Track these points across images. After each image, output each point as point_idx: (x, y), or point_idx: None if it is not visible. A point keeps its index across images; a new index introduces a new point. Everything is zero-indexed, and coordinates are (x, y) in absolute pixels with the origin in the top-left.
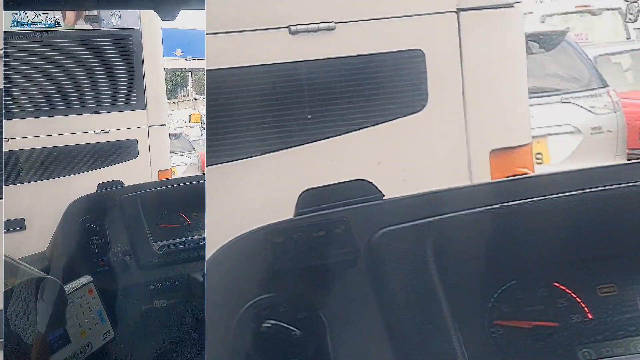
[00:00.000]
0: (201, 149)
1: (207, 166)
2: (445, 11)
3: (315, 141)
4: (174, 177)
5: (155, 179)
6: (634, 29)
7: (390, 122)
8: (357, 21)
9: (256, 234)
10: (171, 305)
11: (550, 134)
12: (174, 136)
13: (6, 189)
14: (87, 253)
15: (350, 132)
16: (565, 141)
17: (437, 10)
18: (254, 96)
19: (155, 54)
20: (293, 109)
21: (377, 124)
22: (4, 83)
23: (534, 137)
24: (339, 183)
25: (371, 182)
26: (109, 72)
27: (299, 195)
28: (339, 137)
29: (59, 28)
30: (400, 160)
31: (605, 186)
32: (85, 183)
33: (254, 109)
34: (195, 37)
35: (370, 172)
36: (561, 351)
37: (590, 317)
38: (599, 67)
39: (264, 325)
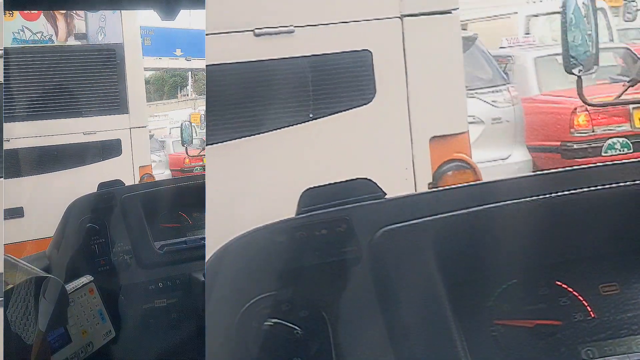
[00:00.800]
0: (169, 149)
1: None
2: (390, 17)
3: (279, 129)
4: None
5: (137, 174)
6: (617, 29)
7: (344, 112)
8: (313, 25)
9: (258, 233)
10: (172, 304)
11: None
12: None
13: (7, 181)
14: (87, 252)
15: (310, 120)
16: (470, 130)
17: (383, 16)
18: (228, 89)
19: (136, 65)
20: (259, 101)
21: (331, 114)
22: (5, 86)
23: None
24: (341, 182)
25: (373, 181)
26: (95, 81)
27: (301, 194)
28: (301, 125)
29: (52, 44)
30: (352, 144)
31: (607, 184)
32: (76, 177)
33: (228, 100)
34: (195, 37)
35: (328, 155)
36: (564, 350)
37: (592, 315)
38: (543, 67)
39: (265, 323)
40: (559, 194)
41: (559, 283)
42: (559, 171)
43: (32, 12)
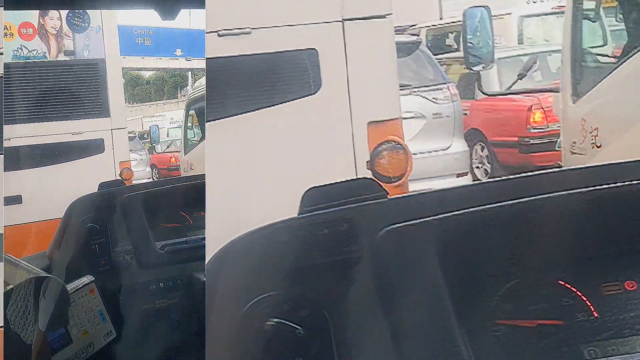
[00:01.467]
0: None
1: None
2: (333, 20)
3: (237, 115)
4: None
5: (117, 169)
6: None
7: (296, 100)
8: (267, 27)
9: (259, 233)
10: (173, 304)
11: (402, 118)
12: (130, 138)
13: (7, 174)
14: (88, 253)
15: (266, 107)
16: (414, 124)
17: (327, 20)
18: (207, 82)
19: (116, 76)
20: (221, 90)
21: (285, 102)
22: (7, 94)
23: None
24: (343, 181)
25: (375, 180)
26: (81, 90)
27: (303, 194)
28: (257, 111)
29: (45, 60)
30: (303, 127)
31: (610, 183)
32: (67, 170)
33: (207, 90)
34: (196, 37)
35: (284, 136)
36: (566, 350)
37: (595, 315)
38: (505, 68)
39: (267, 323)
40: (562, 193)
41: (561, 283)
42: (561, 170)
43: (29, 33)
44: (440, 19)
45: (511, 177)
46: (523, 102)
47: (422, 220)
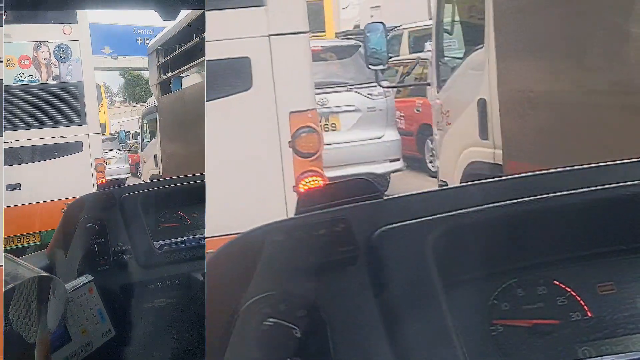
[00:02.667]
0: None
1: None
2: (261, 36)
3: (215, 99)
4: (107, 166)
5: (93, 165)
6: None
7: (235, 94)
8: (211, 41)
9: (256, 233)
10: (171, 304)
11: (341, 112)
12: (109, 139)
13: (9, 167)
14: (87, 252)
15: (220, 98)
16: (351, 116)
17: (258, 35)
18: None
19: (91, 94)
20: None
21: (226, 96)
22: (9, 108)
23: (332, 114)
24: (340, 182)
25: (371, 181)
26: (65, 105)
27: (300, 194)
28: (214, 101)
29: (38, 83)
30: (240, 115)
31: (605, 184)
32: (55, 164)
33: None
34: (123, 33)
35: (226, 122)
36: (561, 349)
37: (590, 315)
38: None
39: (264, 323)
40: (557, 193)
41: (556, 282)
42: (557, 171)
43: (26, 63)
44: (430, 19)
45: (507, 177)
46: None
47: (417, 220)
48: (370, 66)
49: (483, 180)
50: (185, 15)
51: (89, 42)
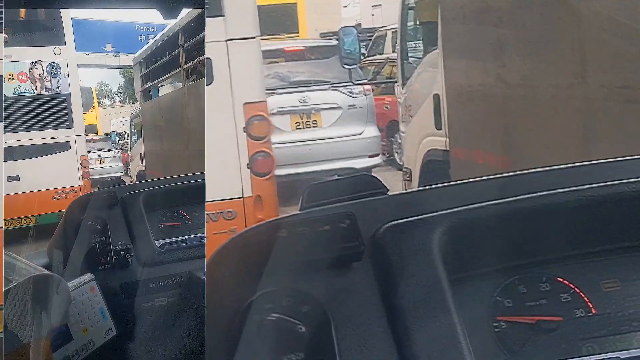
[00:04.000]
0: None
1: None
2: (220, 40)
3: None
4: (101, 165)
5: (79, 161)
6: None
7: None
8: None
9: (260, 229)
10: (172, 302)
11: (323, 109)
12: (102, 139)
13: (10, 163)
14: (88, 251)
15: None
16: (332, 113)
17: (218, 39)
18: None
19: (77, 103)
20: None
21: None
22: (9, 115)
23: (314, 111)
24: (344, 178)
25: (376, 177)
26: (56, 112)
27: (304, 190)
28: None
29: (33, 94)
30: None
31: (609, 181)
32: (47, 160)
33: None
34: (125, 30)
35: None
36: (565, 346)
37: (594, 312)
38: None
39: (267, 319)
40: (561, 190)
41: (560, 279)
42: (560, 167)
43: (24, 78)
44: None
45: (512, 173)
46: None
47: (422, 216)
48: (344, 65)
49: (488, 177)
50: (164, 31)
51: (75, 61)
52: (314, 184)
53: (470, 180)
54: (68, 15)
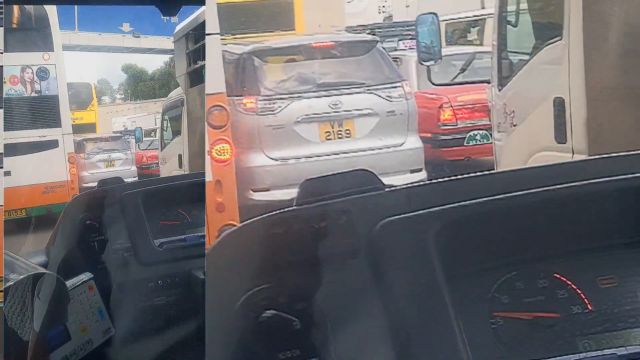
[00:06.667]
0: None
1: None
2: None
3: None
4: (112, 168)
5: (67, 158)
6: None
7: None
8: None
9: (256, 224)
10: (171, 302)
11: (355, 116)
12: (113, 138)
13: (7, 160)
14: (87, 250)
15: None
16: (367, 121)
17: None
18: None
19: (65, 104)
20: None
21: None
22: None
23: (346, 119)
24: (341, 173)
25: (373, 172)
26: (45, 112)
27: (300, 185)
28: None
29: (24, 95)
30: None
31: (606, 177)
32: (37, 156)
33: None
34: (145, 8)
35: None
36: (561, 342)
37: (590, 308)
38: (423, 68)
39: (263, 315)
40: (558, 186)
41: (557, 276)
42: (558, 164)
43: (15, 81)
44: (483, 8)
45: (509, 170)
46: (435, 100)
47: (419, 212)
48: (422, 62)
49: (484, 173)
50: None
51: (63, 65)
52: (310, 179)
53: (467, 176)
54: (56, 23)
